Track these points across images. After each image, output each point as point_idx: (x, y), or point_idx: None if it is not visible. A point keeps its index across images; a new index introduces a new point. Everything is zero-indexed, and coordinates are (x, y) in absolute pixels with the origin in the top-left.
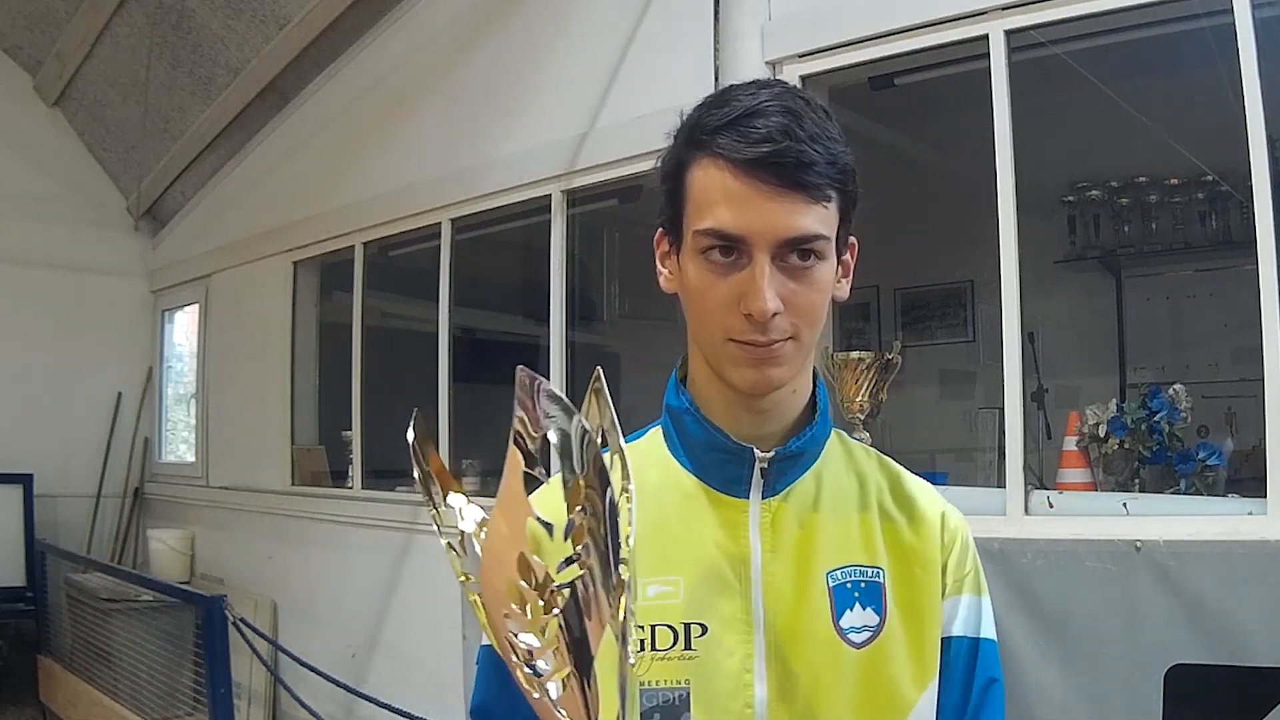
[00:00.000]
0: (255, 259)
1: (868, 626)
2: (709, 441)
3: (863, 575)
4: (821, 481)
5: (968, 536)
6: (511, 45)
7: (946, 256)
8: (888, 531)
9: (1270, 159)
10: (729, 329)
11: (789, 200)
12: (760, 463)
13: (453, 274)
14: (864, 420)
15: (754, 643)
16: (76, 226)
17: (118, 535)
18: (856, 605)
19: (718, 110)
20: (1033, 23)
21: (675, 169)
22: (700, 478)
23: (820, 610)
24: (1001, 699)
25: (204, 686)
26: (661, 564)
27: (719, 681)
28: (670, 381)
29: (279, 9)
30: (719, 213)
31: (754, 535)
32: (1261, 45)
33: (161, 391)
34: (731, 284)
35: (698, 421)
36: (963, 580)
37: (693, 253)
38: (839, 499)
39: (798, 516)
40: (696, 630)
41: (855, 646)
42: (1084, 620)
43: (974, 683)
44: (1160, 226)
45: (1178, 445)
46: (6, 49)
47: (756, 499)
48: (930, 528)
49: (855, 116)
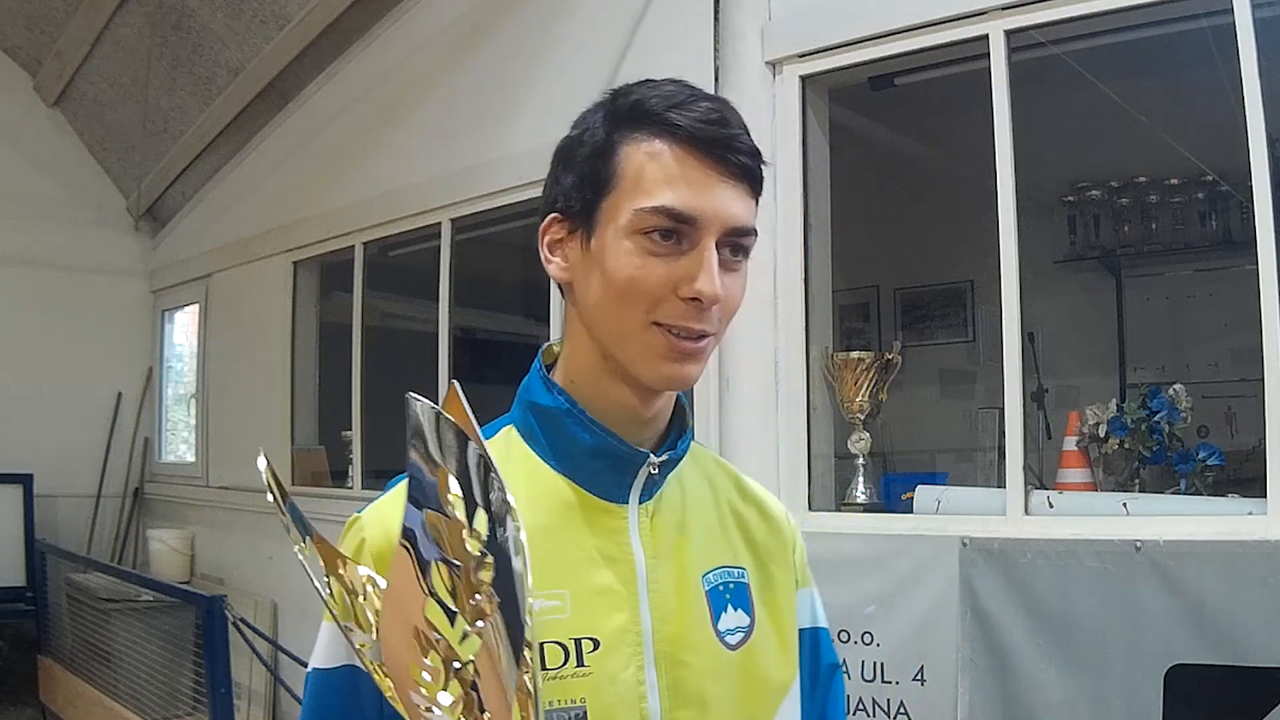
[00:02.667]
0: (255, 259)
1: (740, 628)
2: (598, 446)
3: (730, 576)
4: (683, 484)
5: (800, 532)
6: (511, 45)
7: (946, 256)
8: (742, 531)
9: (1270, 159)
10: (658, 313)
11: (736, 187)
12: (650, 467)
13: (453, 274)
14: (864, 420)
15: (645, 654)
16: (76, 226)
17: (118, 535)
18: (729, 607)
19: (654, 92)
20: (1033, 23)
21: (602, 149)
22: (577, 483)
23: (701, 615)
24: (843, 682)
25: (204, 686)
26: (545, 578)
27: (615, 696)
28: (534, 377)
29: (279, 9)
30: (669, 191)
31: (635, 543)
32: (1261, 45)
33: (161, 391)
34: (672, 268)
35: (583, 424)
36: (805, 573)
37: (624, 233)
38: (698, 501)
39: (671, 521)
40: (588, 645)
41: (731, 649)
42: (1084, 620)
43: (820, 669)
44: (1160, 226)
45: (1178, 445)
46: (6, 49)
47: (634, 504)
48: (778, 524)
49: (855, 116)
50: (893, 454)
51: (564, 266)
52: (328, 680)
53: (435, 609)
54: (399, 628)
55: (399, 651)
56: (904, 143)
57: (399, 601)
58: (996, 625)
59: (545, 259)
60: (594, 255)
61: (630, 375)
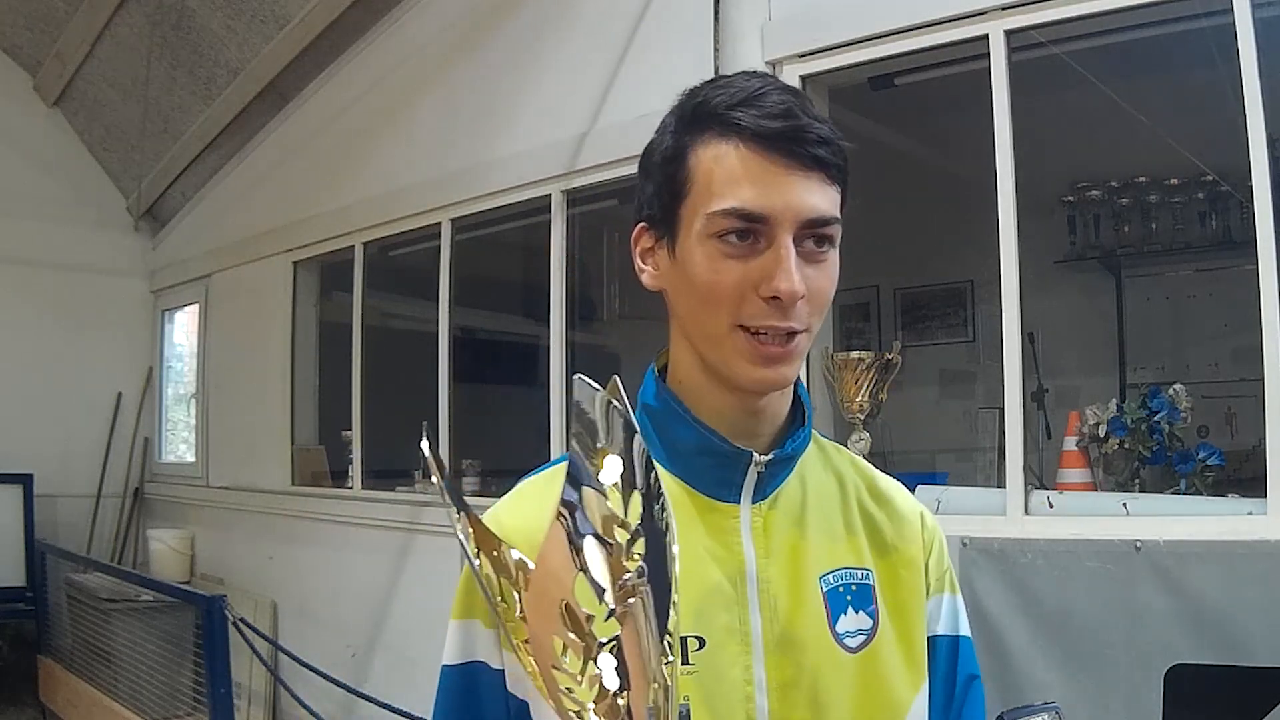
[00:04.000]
0: (255, 259)
1: (861, 630)
2: (701, 445)
3: (853, 578)
4: (805, 483)
5: (943, 537)
6: (511, 45)
7: (946, 256)
8: (871, 532)
9: (1270, 159)
10: (742, 316)
11: (809, 179)
12: (758, 466)
13: (453, 274)
14: (864, 420)
15: (753, 653)
16: (76, 226)
17: (118, 535)
18: (850, 609)
19: (721, 92)
20: (1033, 23)
21: (674, 155)
22: (687, 482)
23: (816, 616)
24: (983, 695)
25: (204, 686)
26: None
27: (721, 694)
28: (647, 380)
29: (279, 9)
30: (740, 191)
31: (747, 542)
32: (1261, 45)
33: (161, 391)
34: (750, 268)
35: (687, 423)
36: (943, 579)
37: (701, 238)
38: (823, 501)
39: (788, 521)
40: (694, 644)
41: (851, 651)
42: (1084, 620)
43: (957, 681)
44: (1160, 226)
45: (1178, 445)
46: (6, 49)
47: (747, 504)
48: (911, 527)
49: (855, 116)
50: (893, 454)
51: (655, 275)
52: (454, 675)
53: (584, 586)
54: (546, 607)
55: (543, 629)
56: (904, 143)
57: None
58: (996, 625)
59: (638, 268)
60: (679, 262)
61: (725, 378)
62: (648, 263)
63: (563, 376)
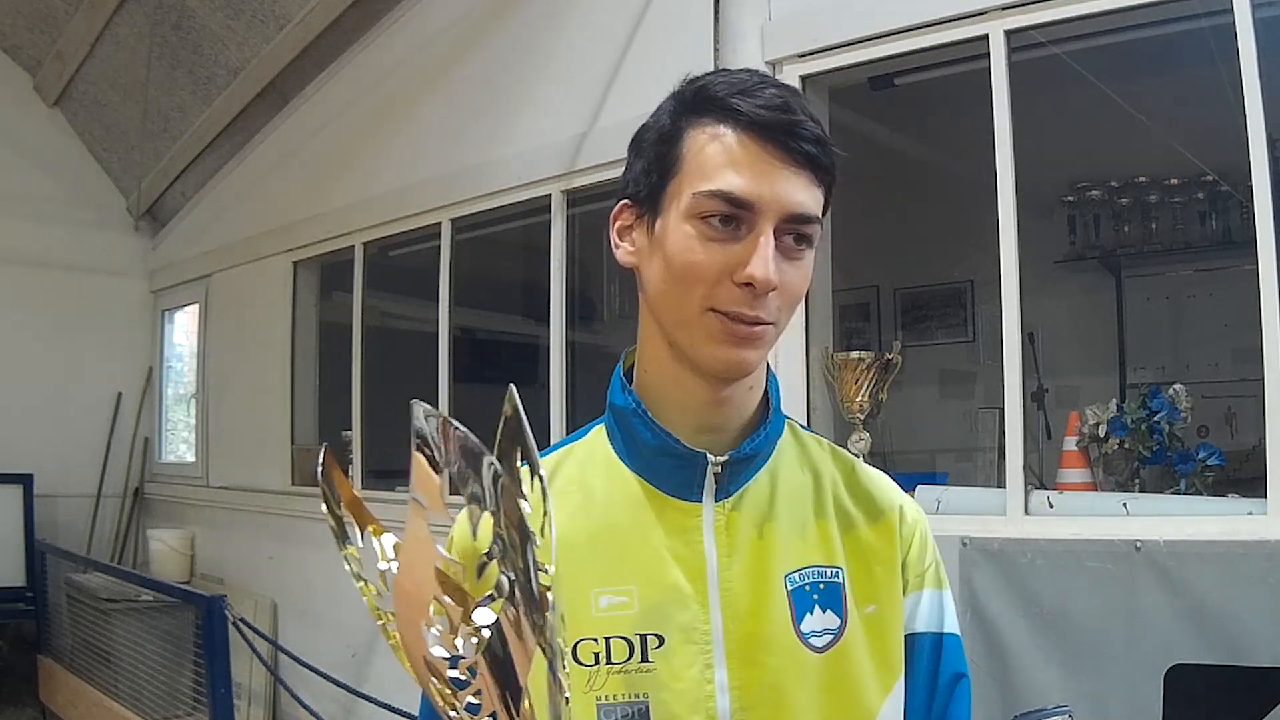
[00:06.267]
0: (255, 259)
1: (829, 630)
2: (659, 446)
3: (821, 576)
4: (776, 480)
5: (926, 529)
6: (511, 45)
7: (946, 256)
8: (845, 529)
9: (1270, 159)
10: (714, 299)
11: (798, 174)
12: (713, 467)
13: (453, 274)
14: (864, 420)
15: (713, 653)
16: (76, 226)
17: (118, 535)
18: (816, 608)
19: (722, 80)
20: (1033, 23)
21: (669, 135)
22: (650, 481)
23: (780, 615)
24: (968, 695)
25: (204, 686)
26: (613, 573)
27: (678, 694)
28: (615, 377)
29: (279, 9)
30: (729, 176)
31: (709, 541)
32: (1261, 45)
33: (161, 391)
34: (728, 253)
35: (646, 424)
36: (923, 575)
37: (685, 217)
38: (794, 498)
39: (753, 519)
40: (653, 641)
41: (816, 651)
42: (1084, 620)
43: (939, 679)
44: (1160, 226)
45: (1178, 445)
46: (6, 49)
47: (710, 503)
48: (888, 523)
49: (855, 116)
50: (893, 454)
51: (631, 251)
52: None
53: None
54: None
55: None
56: (904, 143)
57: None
58: (996, 625)
59: (614, 244)
60: (658, 239)
61: (691, 361)
62: (625, 239)
63: (563, 377)
